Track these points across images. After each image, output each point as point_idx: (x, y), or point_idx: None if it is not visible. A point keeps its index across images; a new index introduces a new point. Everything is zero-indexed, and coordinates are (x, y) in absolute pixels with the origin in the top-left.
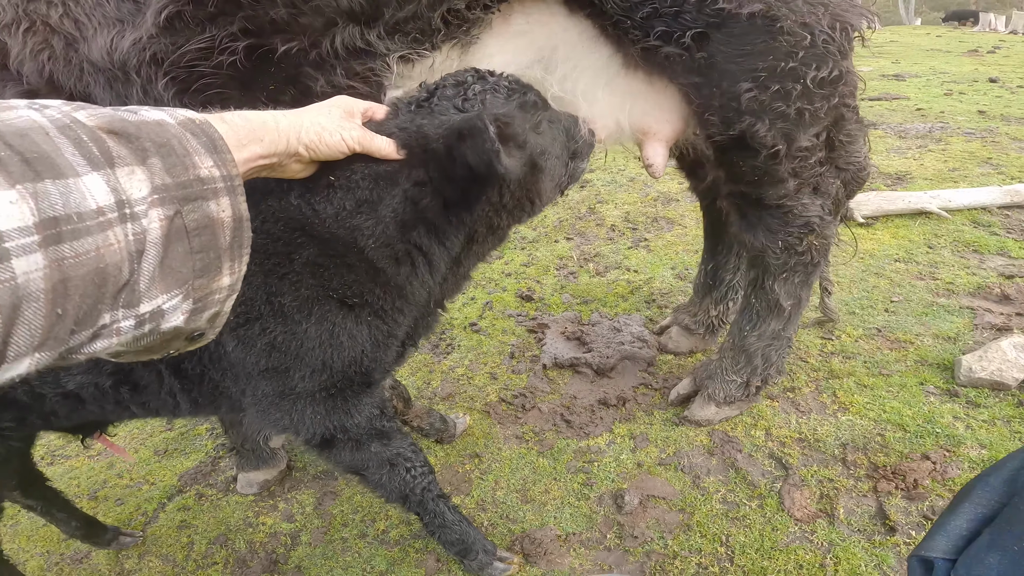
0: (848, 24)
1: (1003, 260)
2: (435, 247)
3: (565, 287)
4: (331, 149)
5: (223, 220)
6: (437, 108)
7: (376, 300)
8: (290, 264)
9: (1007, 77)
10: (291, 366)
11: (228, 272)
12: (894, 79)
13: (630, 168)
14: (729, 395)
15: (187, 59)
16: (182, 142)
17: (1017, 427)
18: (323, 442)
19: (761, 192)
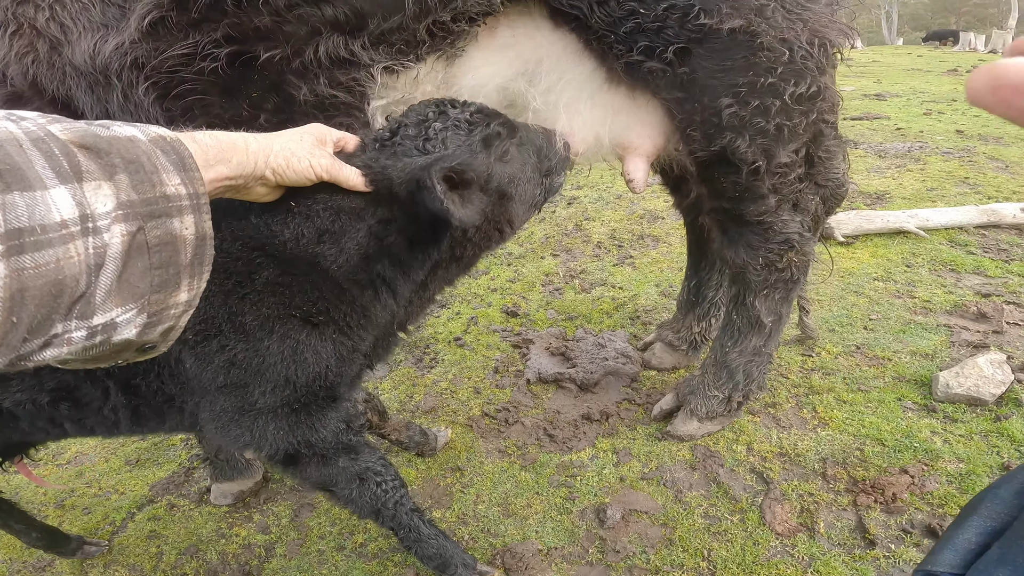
0: (827, 40)
1: (979, 279)
2: (399, 277)
3: (550, 303)
4: (298, 175)
5: (186, 237)
6: (400, 149)
7: (341, 317)
8: (250, 283)
9: None
10: (250, 382)
11: (186, 288)
12: (875, 99)
13: (617, 186)
14: (711, 410)
15: (169, 65)
16: (151, 159)
17: (995, 441)
18: (287, 458)
19: (742, 208)
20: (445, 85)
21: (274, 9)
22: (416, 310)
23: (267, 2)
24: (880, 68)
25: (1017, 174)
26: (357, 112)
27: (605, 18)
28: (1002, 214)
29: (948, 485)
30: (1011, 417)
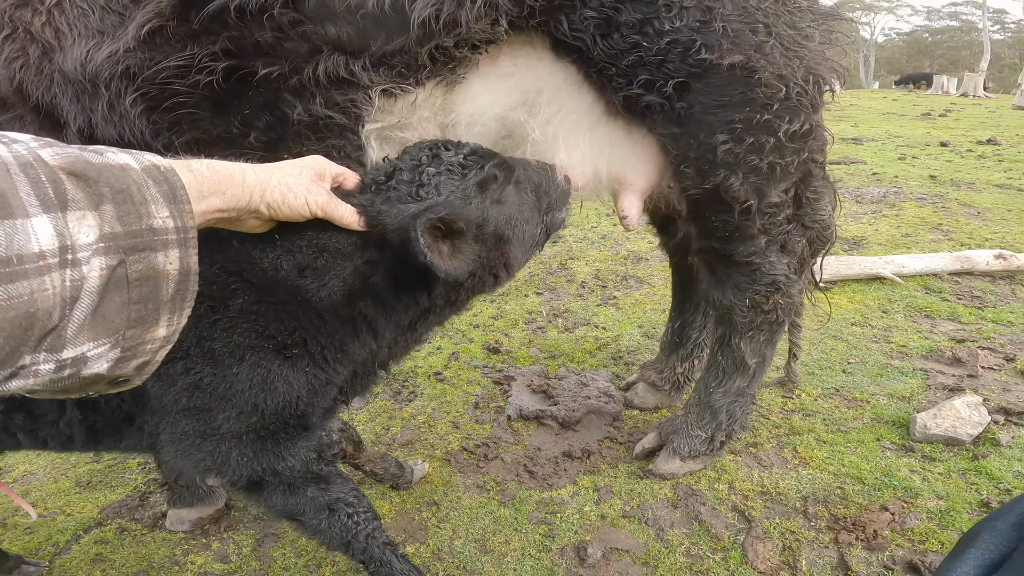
0: (820, 77)
1: (954, 325)
2: (381, 318)
3: (533, 341)
4: (293, 211)
5: (169, 272)
6: (394, 194)
7: (318, 351)
8: (224, 309)
9: (957, 141)
10: (215, 407)
11: (165, 324)
12: (852, 143)
13: (602, 226)
14: (694, 449)
15: (163, 76)
16: (141, 189)
17: (973, 479)
18: (250, 484)
19: (731, 248)
20: (443, 112)
21: (277, 25)
22: (401, 350)
23: (271, 17)
24: (857, 112)
25: (989, 220)
26: (351, 135)
27: (608, 51)
28: (975, 261)
29: (928, 522)
30: (989, 456)
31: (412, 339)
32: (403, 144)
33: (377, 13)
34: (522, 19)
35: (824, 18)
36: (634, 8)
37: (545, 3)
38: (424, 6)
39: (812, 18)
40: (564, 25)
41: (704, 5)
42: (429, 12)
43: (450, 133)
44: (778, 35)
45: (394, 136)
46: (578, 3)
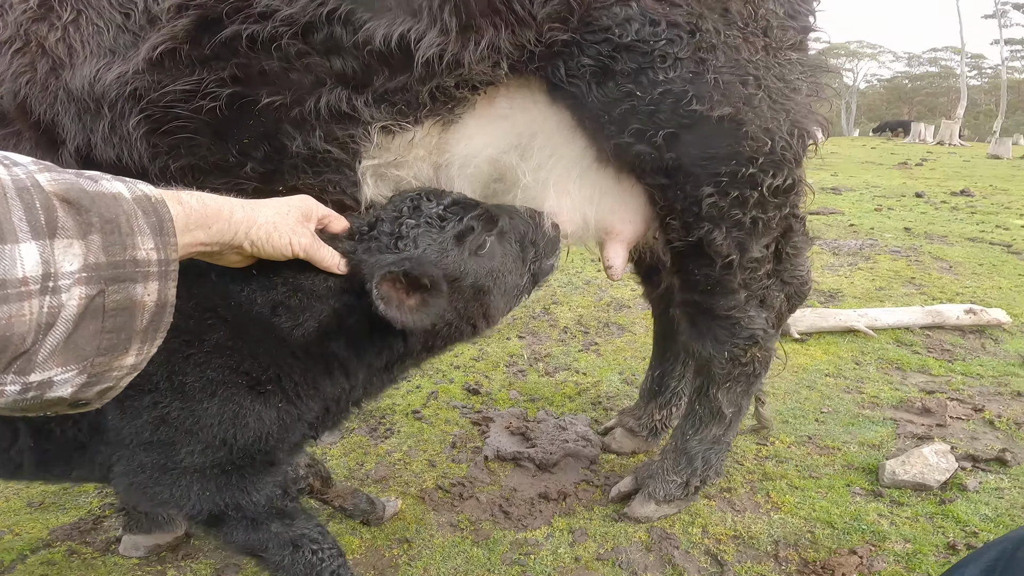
0: (805, 131)
1: (924, 377)
2: (353, 360)
3: (513, 384)
4: (276, 251)
5: (145, 303)
6: (374, 245)
7: (291, 387)
8: (199, 345)
9: (932, 191)
10: (179, 440)
11: (135, 353)
12: (832, 192)
13: (587, 271)
14: (669, 494)
15: (168, 99)
16: (130, 219)
17: (940, 523)
18: (211, 518)
19: (712, 302)
20: (438, 151)
21: (285, 55)
22: (376, 389)
23: (279, 47)
24: (838, 160)
25: (960, 275)
26: (347, 170)
27: (602, 98)
28: (946, 315)
29: (895, 564)
30: (956, 500)
31: (388, 380)
32: (397, 182)
33: (383, 50)
34: (522, 63)
35: (813, 70)
36: (630, 58)
37: (545, 49)
38: (429, 46)
39: (801, 71)
40: (561, 71)
41: (698, 57)
42: (434, 52)
43: (443, 173)
44: (767, 88)
45: (389, 173)
46: (576, 50)
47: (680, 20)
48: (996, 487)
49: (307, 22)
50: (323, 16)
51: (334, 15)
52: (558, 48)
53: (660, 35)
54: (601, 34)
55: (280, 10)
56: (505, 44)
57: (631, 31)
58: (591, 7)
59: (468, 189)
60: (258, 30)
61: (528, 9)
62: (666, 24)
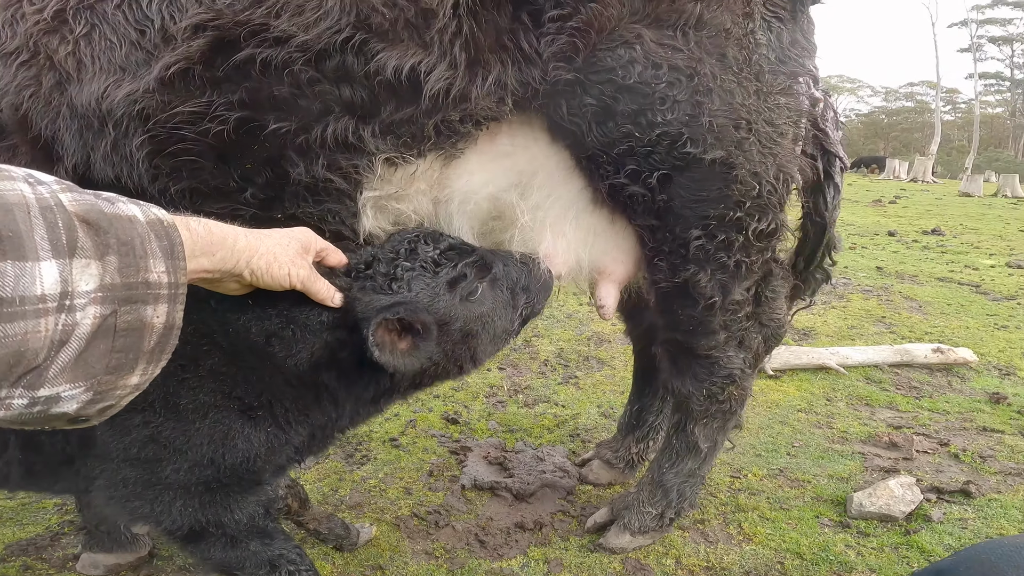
0: (789, 176)
1: (892, 413)
2: (342, 390)
3: (492, 415)
4: (274, 280)
5: (154, 325)
6: (369, 284)
7: (282, 413)
8: (194, 369)
9: (904, 230)
10: (166, 458)
11: (140, 373)
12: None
13: (568, 305)
14: (644, 525)
15: (176, 120)
16: (144, 242)
17: (904, 552)
18: (190, 534)
19: (694, 341)
20: (439, 185)
21: (296, 81)
22: (361, 419)
23: (292, 73)
24: None
25: (929, 314)
26: (348, 201)
27: (601, 137)
28: (914, 354)
29: None
30: (921, 531)
31: (374, 410)
32: (397, 215)
33: (393, 81)
34: (526, 99)
35: (799, 115)
36: (631, 99)
37: (549, 87)
38: (438, 79)
39: (788, 115)
40: (563, 109)
41: (695, 100)
42: (442, 85)
43: (443, 208)
44: (757, 132)
45: (390, 206)
46: (579, 89)
47: (681, 64)
48: (960, 518)
49: (321, 49)
50: (337, 44)
51: (348, 44)
52: (562, 87)
53: (661, 78)
54: (605, 74)
55: (296, 36)
56: (511, 80)
57: (634, 73)
58: (596, 48)
59: (467, 226)
60: (272, 54)
61: (535, 47)
62: (667, 67)
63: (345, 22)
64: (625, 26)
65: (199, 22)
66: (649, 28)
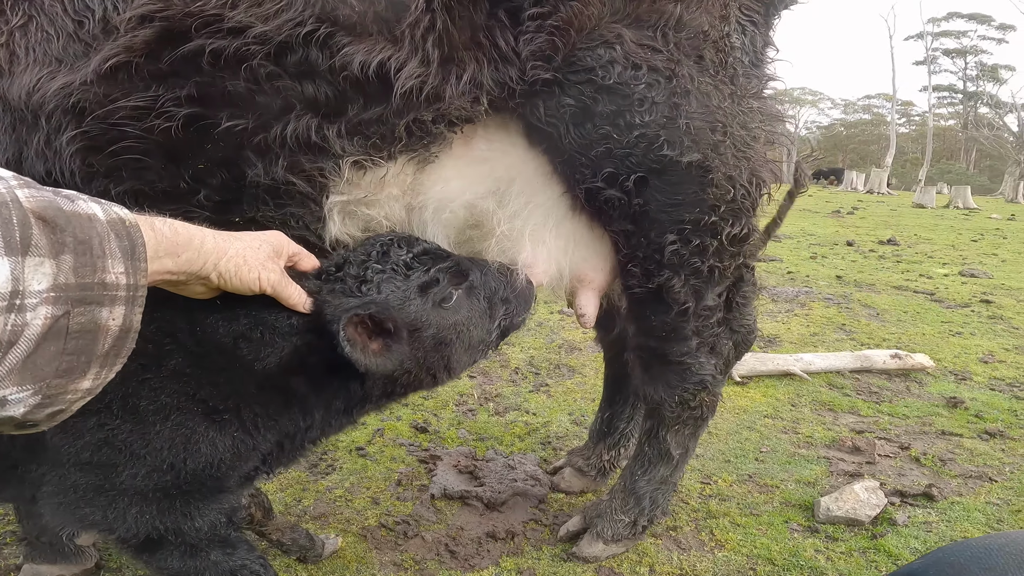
0: (762, 180)
1: (854, 418)
2: (311, 397)
3: (463, 423)
4: (243, 284)
5: (110, 327)
6: (339, 287)
7: (249, 418)
8: (156, 369)
9: (861, 240)
10: (122, 463)
11: (92, 377)
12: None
13: (540, 313)
14: (617, 533)
15: (117, 116)
16: (103, 242)
17: (872, 557)
18: (147, 543)
19: (666, 348)
20: (412, 192)
21: (253, 76)
22: (333, 430)
23: (249, 67)
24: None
25: (887, 321)
26: (313, 205)
27: (579, 139)
28: (873, 360)
29: None
30: (886, 535)
31: (346, 421)
32: (367, 221)
33: (360, 77)
34: (502, 100)
35: (770, 120)
36: (610, 99)
37: (527, 87)
38: (409, 76)
39: (760, 119)
40: (540, 110)
41: (673, 101)
42: (413, 83)
43: (417, 216)
44: (732, 135)
45: (359, 212)
46: (558, 89)
47: (660, 65)
48: (924, 521)
49: (281, 42)
50: (300, 37)
51: (312, 37)
52: (540, 87)
53: (640, 79)
54: (584, 74)
55: (253, 27)
56: (487, 80)
57: (614, 73)
58: (576, 47)
59: (442, 235)
60: (225, 46)
61: (512, 45)
62: (647, 68)
63: (309, 14)
64: (606, 25)
65: (145, 12)
66: (629, 28)
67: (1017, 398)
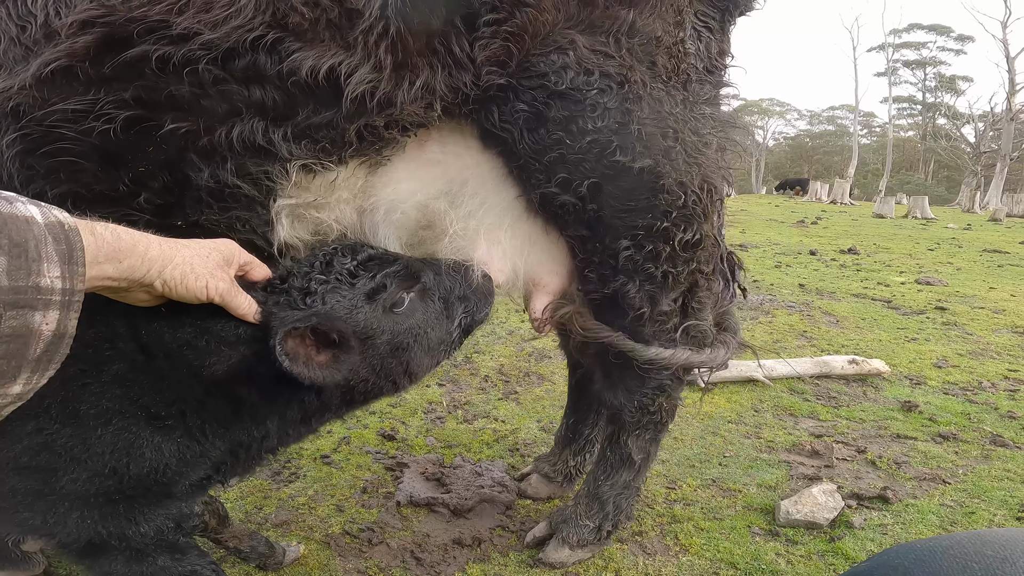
0: (713, 186)
1: (813, 422)
2: (263, 407)
3: (431, 431)
4: (190, 293)
5: (42, 332)
6: (284, 299)
7: (196, 424)
8: (96, 374)
9: (824, 249)
10: (61, 467)
11: (23, 382)
12: (740, 249)
13: (511, 321)
14: (582, 539)
15: (54, 118)
16: (39, 245)
17: (830, 560)
18: (89, 548)
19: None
20: (363, 194)
21: (198, 81)
22: (292, 440)
23: (194, 72)
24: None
25: (846, 328)
26: (260, 208)
27: (533, 144)
28: (832, 366)
29: None
30: (844, 537)
31: (306, 430)
32: (317, 224)
33: (310, 82)
34: (456, 105)
35: (723, 126)
36: (563, 105)
37: (480, 92)
38: (360, 81)
39: (712, 125)
40: (495, 115)
41: (624, 107)
42: (365, 88)
43: (368, 218)
44: (683, 141)
45: (308, 215)
46: (511, 95)
47: (612, 71)
48: (880, 523)
49: (229, 48)
50: (247, 43)
51: (260, 42)
52: (494, 92)
53: (593, 84)
54: (537, 80)
55: (201, 34)
56: (440, 86)
57: (566, 79)
58: (530, 53)
59: (394, 236)
60: (171, 52)
61: (467, 51)
62: (599, 74)
63: (259, 21)
64: (560, 31)
65: (87, 18)
66: (583, 34)
67: (970, 402)
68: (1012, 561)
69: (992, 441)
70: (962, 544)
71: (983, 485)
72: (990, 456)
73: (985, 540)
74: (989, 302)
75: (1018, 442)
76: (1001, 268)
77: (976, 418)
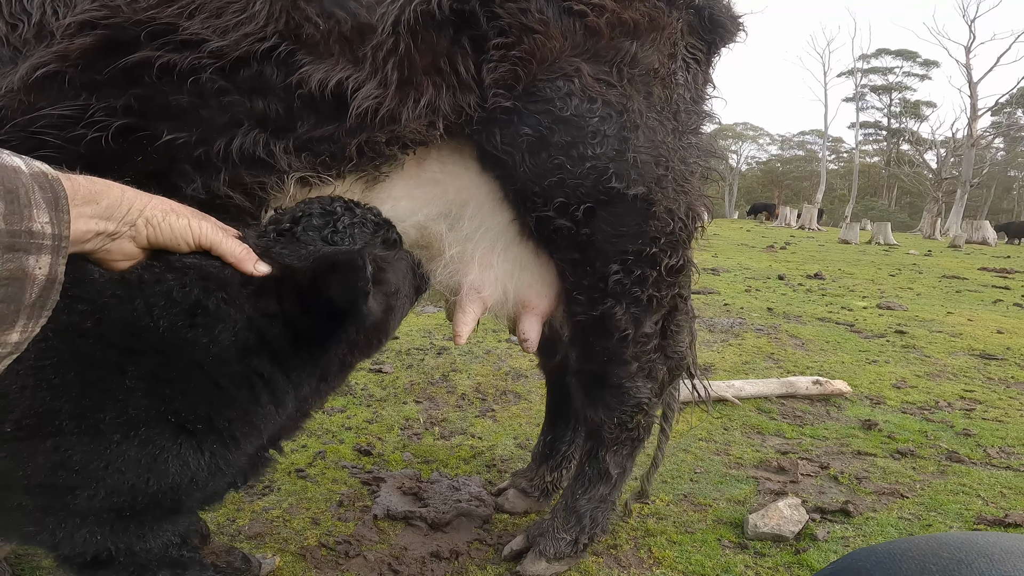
0: (696, 213)
1: (779, 440)
2: (279, 378)
3: (408, 446)
4: (175, 232)
5: (36, 276)
6: (302, 238)
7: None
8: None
9: (791, 274)
10: (79, 485)
11: (20, 330)
12: (711, 273)
13: (487, 341)
14: (559, 551)
15: (40, 124)
16: (28, 192)
17: (796, 571)
18: (93, 563)
19: (607, 371)
20: None
21: (199, 91)
22: (291, 426)
23: (196, 81)
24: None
25: (811, 350)
26: (249, 219)
27: (534, 168)
28: (797, 386)
29: None
30: (808, 550)
31: (302, 413)
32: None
33: (316, 95)
34: (458, 125)
35: (706, 155)
36: (566, 130)
37: (484, 114)
38: (366, 97)
39: (697, 154)
40: (497, 137)
41: (622, 135)
42: (370, 104)
43: None
44: (673, 170)
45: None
46: (516, 119)
47: (613, 100)
48: (842, 536)
49: (238, 57)
50: (258, 53)
51: (272, 53)
52: (499, 114)
53: (595, 112)
54: (543, 105)
55: (209, 41)
56: (444, 105)
57: (571, 105)
58: (536, 78)
59: None
60: (175, 60)
61: (473, 73)
62: (601, 102)
63: (272, 30)
64: (566, 59)
65: (88, 19)
66: (588, 63)
67: (927, 420)
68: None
69: (948, 457)
70: (920, 547)
71: (939, 499)
72: (946, 471)
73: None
74: (947, 326)
75: (973, 458)
76: (959, 294)
77: (933, 436)
